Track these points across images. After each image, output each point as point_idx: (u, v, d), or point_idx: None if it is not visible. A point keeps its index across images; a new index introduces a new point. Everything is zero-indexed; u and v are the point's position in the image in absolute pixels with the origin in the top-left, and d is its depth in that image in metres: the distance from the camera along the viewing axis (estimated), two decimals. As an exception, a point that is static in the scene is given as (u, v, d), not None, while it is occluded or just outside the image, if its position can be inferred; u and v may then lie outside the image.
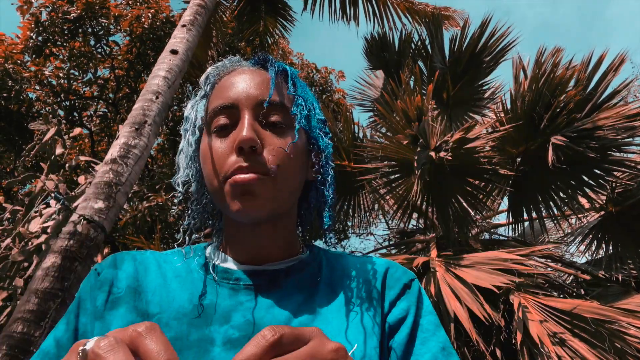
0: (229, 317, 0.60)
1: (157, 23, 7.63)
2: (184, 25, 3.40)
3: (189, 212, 0.70)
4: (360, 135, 4.30)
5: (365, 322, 0.62)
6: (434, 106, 4.18)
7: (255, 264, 0.66)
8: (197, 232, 0.70)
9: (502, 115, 3.77)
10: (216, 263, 0.67)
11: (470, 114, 4.80)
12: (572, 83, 3.54)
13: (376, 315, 0.64)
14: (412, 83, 4.13)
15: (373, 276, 0.69)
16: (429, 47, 5.06)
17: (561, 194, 3.71)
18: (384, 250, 4.74)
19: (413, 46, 5.27)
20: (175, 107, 8.48)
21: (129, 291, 0.62)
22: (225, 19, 6.53)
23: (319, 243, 3.40)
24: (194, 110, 0.70)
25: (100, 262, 0.67)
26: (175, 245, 0.71)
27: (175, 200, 0.69)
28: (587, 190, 3.60)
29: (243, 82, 0.64)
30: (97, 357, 0.31)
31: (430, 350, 0.61)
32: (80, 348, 0.33)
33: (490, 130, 3.75)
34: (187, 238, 0.68)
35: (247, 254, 0.67)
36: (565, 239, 4.75)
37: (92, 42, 7.91)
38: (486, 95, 4.92)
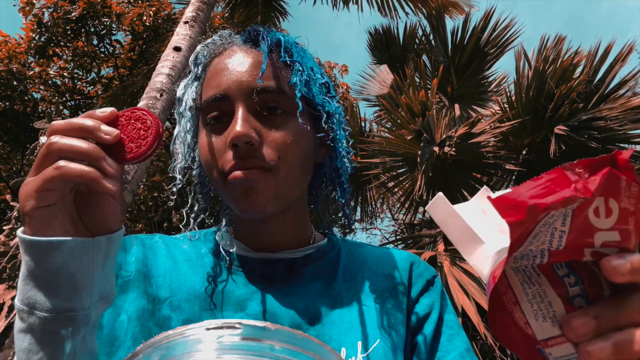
0: (244, 305, 0.59)
1: (159, 21, 7.62)
2: (186, 22, 3.39)
3: (193, 194, 0.67)
4: (367, 129, 4.30)
5: (387, 316, 0.61)
6: (438, 100, 4.15)
7: (270, 251, 0.65)
8: (203, 213, 0.67)
9: (507, 107, 3.74)
10: (229, 250, 0.64)
11: (475, 107, 4.76)
12: (577, 71, 3.51)
13: (399, 310, 0.63)
14: (417, 78, 4.11)
15: (397, 270, 0.67)
16: (432, 41, 5.02)
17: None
18: (390, 245, 4.74)
19: (417, 41, 5.22)
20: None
21: (139, 275, 0.61)
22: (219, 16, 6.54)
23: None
24: (187, 92, 0.66)
25: None
26: (182, 228, 0.67)
27: (174, 189, 0.64)
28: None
29: (234, 66, 0.60)
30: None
31: (456, 349, 0.61)
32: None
33: (494, 124, 3.73)
34: (191, 221, 0.65)
35: (259, 241, 0.65)
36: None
37: (95, 42, 7.92)
38: (490, 87, 4.88)
